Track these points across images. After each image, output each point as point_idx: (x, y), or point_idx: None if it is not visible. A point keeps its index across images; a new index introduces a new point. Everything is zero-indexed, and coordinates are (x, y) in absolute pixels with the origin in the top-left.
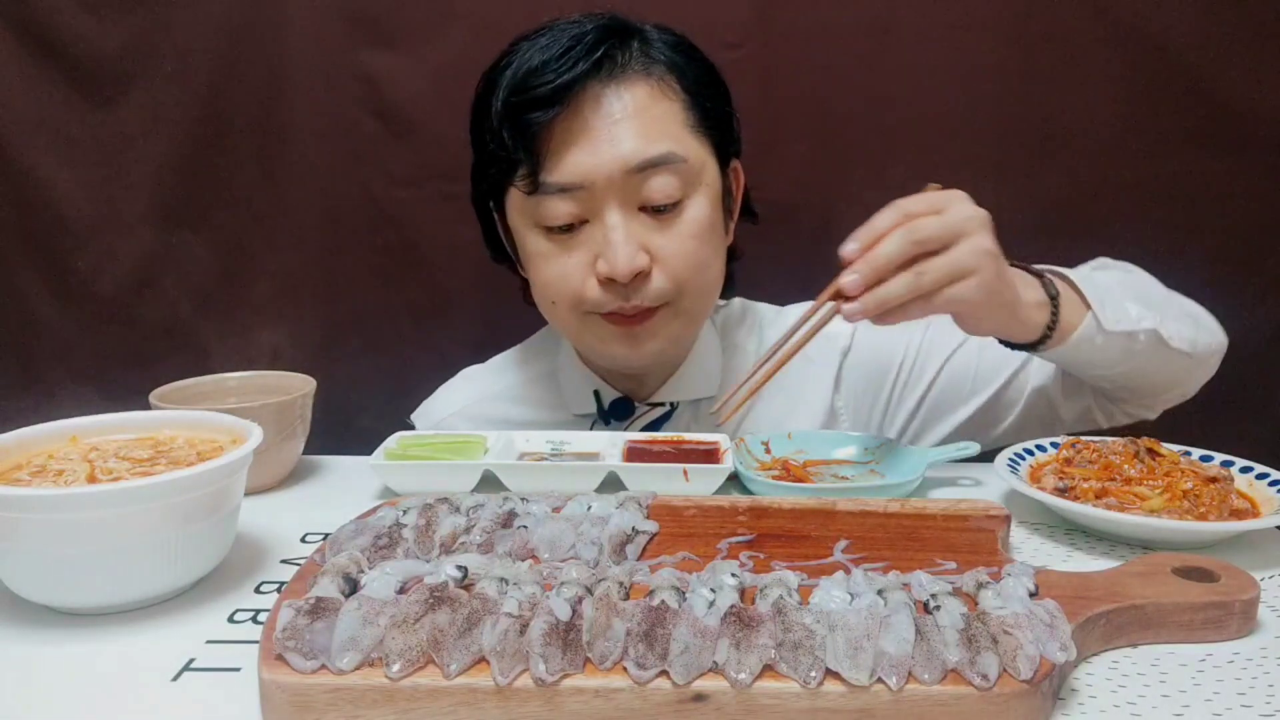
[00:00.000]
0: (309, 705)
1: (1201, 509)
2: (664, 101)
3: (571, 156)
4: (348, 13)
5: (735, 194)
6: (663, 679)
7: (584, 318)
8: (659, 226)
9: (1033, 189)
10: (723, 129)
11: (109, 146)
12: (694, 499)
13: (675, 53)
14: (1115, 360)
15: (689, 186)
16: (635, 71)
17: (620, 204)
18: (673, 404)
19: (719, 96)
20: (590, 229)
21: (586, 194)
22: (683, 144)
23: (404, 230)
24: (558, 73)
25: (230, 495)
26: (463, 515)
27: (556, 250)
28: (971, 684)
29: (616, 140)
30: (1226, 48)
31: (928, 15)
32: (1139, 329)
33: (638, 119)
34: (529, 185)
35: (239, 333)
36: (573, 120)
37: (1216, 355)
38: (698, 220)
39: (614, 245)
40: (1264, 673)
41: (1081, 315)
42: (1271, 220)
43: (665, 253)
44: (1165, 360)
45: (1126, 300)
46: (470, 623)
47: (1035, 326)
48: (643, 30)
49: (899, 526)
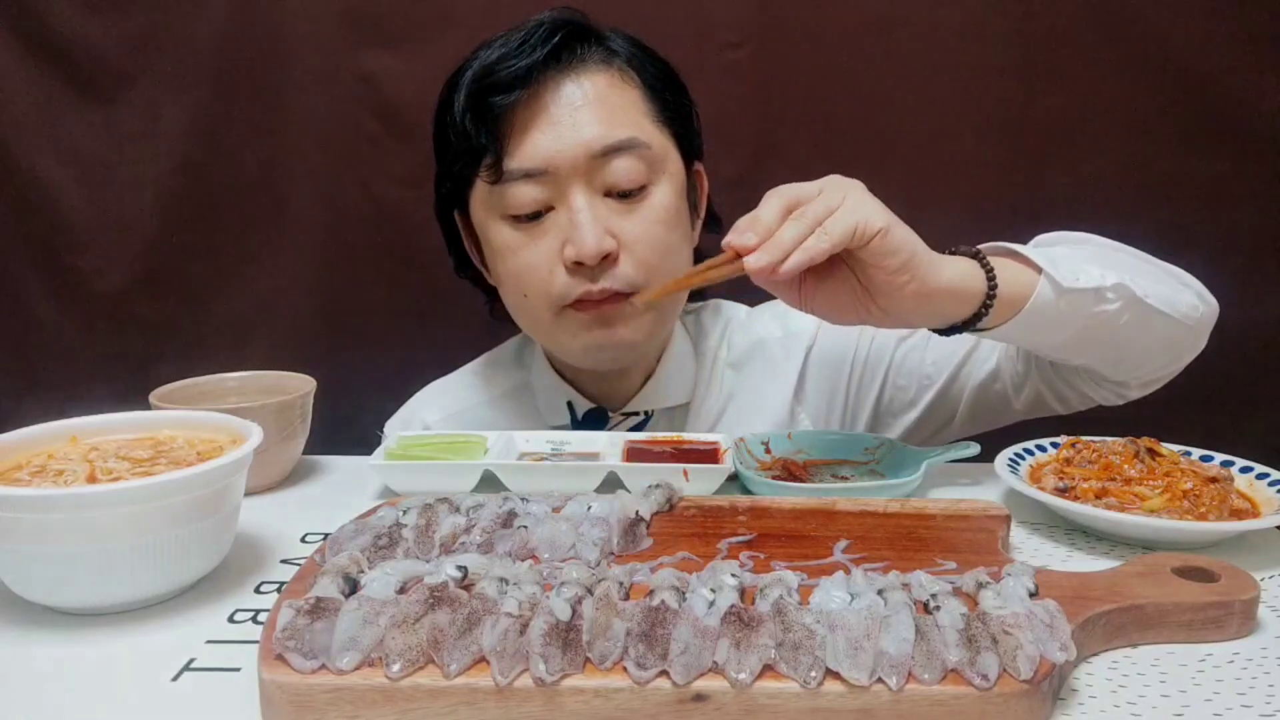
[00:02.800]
0: (309, 705)
1: (1201, 509)
2: (624, 90)
3: (534, 140)
4: (348, 13)
5: (700, 197)
6: (663, 679)
7: (558, 314)
8: (625, 211)
9: (1033, 189)
10: (684, 123)
11: (109, 146)
12: (694, 499)
13: (633, 48)
14: (1085, 331)
15: (653, 173)
16: (595, 62)
17: (585, 188)
18: (647, 413)
19: (678, 92)
20: (556, 215)
21: (551, 179)
22: (645, 131)
23: (404, 230)
24: (517, 59)
25: (230, 495)
26: (463, 515)
27: (523, 240)
28: (971, 684)
29: (579, 125)
30: (1226, 48)
31: (928, 15)
32: (1104, 285)
33: (599, 105)
34: (493, 174)
35: (239, 333)
36: (534, 105)
37: (1204, 322)
38: (663, 206)
39: (580, 227)
40: (1264, 673)
41: (1032, 279)
42: (1271, 220)
43: (630, 237)
44: (1143, 323)
45: (1084, 263)
46: (470, 623)
47: (970, 294)
48: (601, 29)
49: (899, 526)
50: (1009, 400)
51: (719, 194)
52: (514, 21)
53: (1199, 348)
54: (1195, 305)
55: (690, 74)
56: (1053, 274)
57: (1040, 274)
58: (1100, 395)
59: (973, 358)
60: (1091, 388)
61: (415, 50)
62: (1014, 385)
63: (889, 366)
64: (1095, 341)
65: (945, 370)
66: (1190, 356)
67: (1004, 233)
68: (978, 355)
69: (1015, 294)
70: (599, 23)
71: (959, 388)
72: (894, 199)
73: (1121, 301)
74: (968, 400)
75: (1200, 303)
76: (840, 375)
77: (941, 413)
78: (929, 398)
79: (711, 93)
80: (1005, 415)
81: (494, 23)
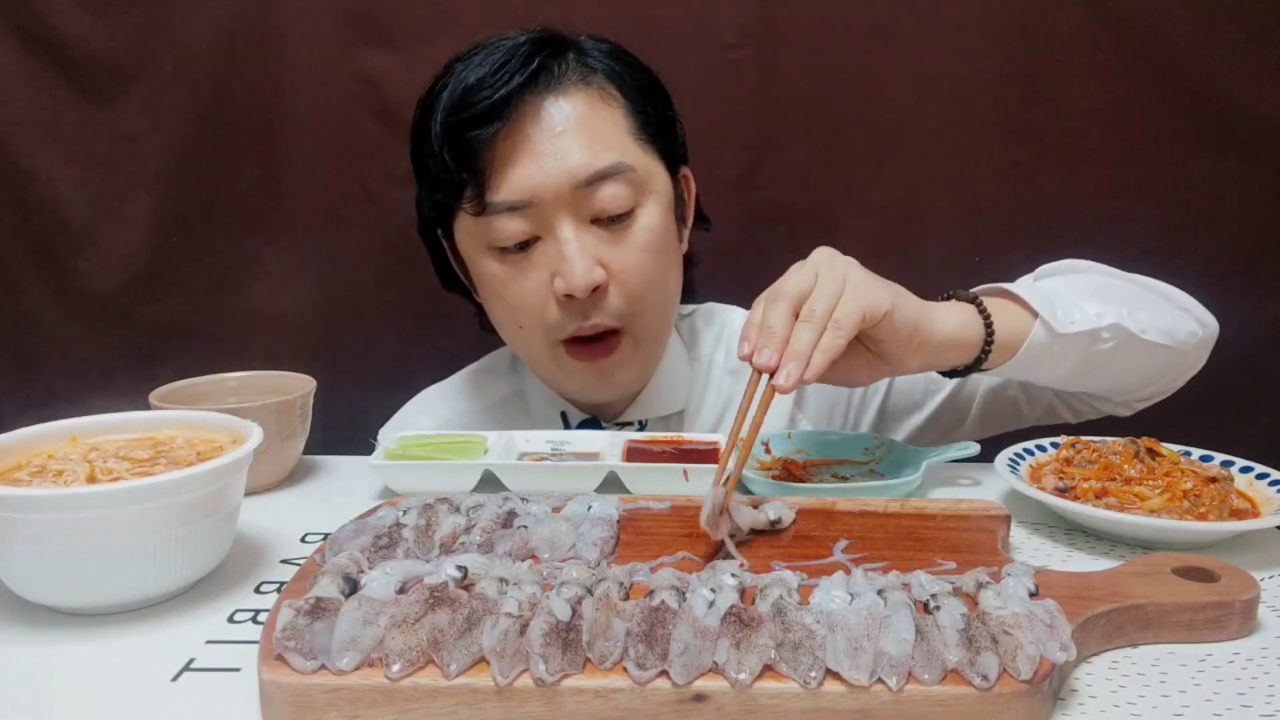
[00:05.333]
0: (309, 705)
1: (1201, 509)
2: (605, 110)
3: (516, 172)
4: (348, 13)
5: (687, 201)
6: (663, 679)
7: (553, 349)
8: (612, 239)
9: (1033, 190)
10: (667, 135)
11: (109, 146)
12: (694, 499)
13: (612, 60)
14: (1081, 365)
15: (640, 195)
16: (573, 81)
17: (571, 218)
18: (642, 422)
19: (660, 101)
20: (543, 246)
21: (536, 210)
22: (629, 153)
23: (404, 230)
24: (494, 88)
25: (230, 495)
26: (463, 515)
27: (512, 274)
28: (971, 684)
29: (562, 154)
30: (1226, 48)
31: (928, 16)
32: (1100, 326)
33: (581, 130)
34: (476, 206)
35: (239, 333)
36: (515, 135)
37: (1204, 344)
38: (650, 229)
39: (569, 260)
40: (1264, 673)
41: (1028, 323)
42: (1272, 220)
43: (619, 266)
44: (1140, 355)
45: (1081, 300)
46: (470, 623)
47: (969, 344)
48: (578, 41)
49: (899, 526)
50: (1020, 407)
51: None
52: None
53: (1199, 366)
54: (1194, 332)
55: (690, 74)
56: (1049, 320)
57: (1036, 318)
58: (1109, 408)
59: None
60: (1100, 401)
61: (415, 50)
62: (1025, 393)
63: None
64: (1091, 375)
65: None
66: (1191, 374)
67: (1003, 233)
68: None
69: (1011, 339)
70: (574, 32)
71: (970, 392)
72: (894, 199)
73: (1116, 340)
74: (979, 405)
75: (1199, 328)
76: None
77: (951, 416)
78: (938, 401)
79: (711, 93)
80: (1017, 421)
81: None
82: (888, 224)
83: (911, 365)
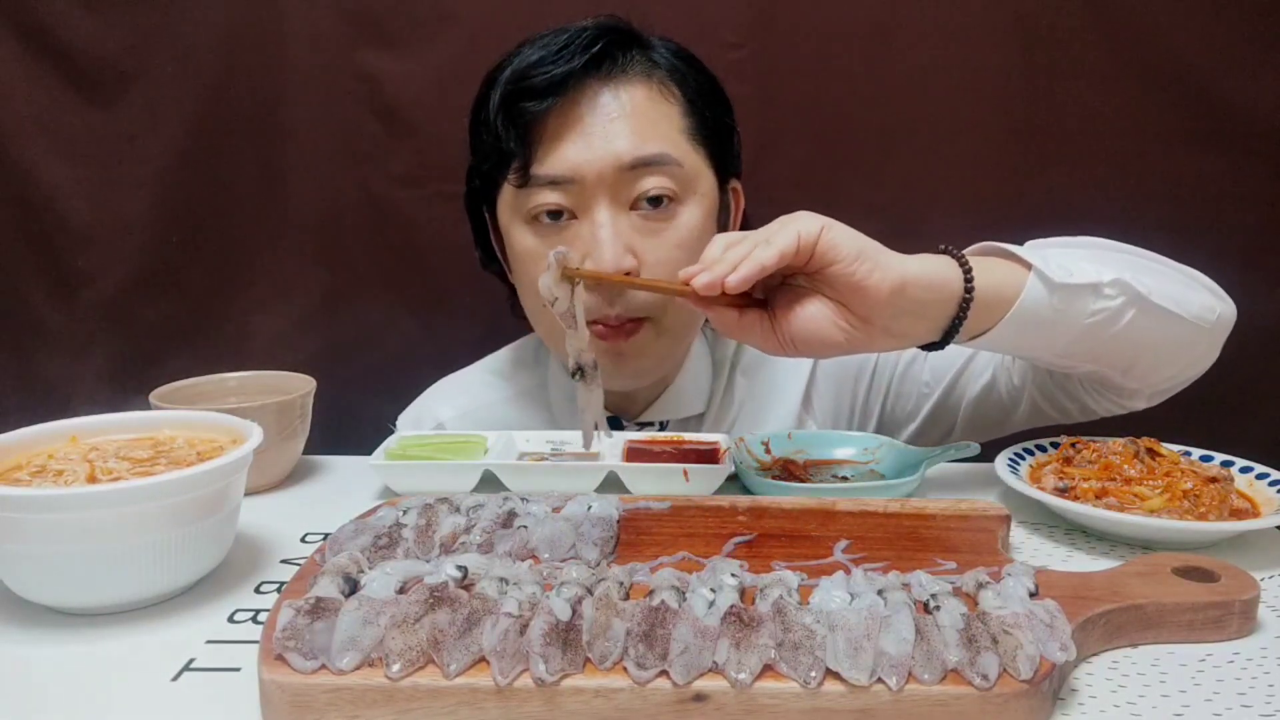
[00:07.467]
0: (309, 705)
1: (1201, 509)
2: (662, 104)
3: (564, 149)
4: (348, 13)
5: (734, 214)
6: (663, 679)
7: None
8: (648, 229)
9: (1033, 189)
10: (722, 142)
11: (109, 146)
12: (694, 499)
13: (677, 59)
14: (1088, 333)
15: (683, 191)
16: (635, 73)
17: (610, 201)
18: (662, 423)
19: (719, 107)
20: (578, 227)
21: (577, 188)
22: (679, 149)
23: (404, 230)
24: (555, 65)
25: (230, 495)
26: (463, 515)
27: (545, 248)
28: (971, 684)
29: (611, 137)
30: (1226, 48)
31: (928, 16)
32: (1101, 281)
33: (634, 118)
34: (520, 178)
35: (239, 333)
36: (568, 113)
37: (1223, 323)
38: (689, 228)
39: (601, 243)
40: (1264, 673)
41: (1021, 278)
42: (1271, 220)
43: (651, 258)
44: (1152, 322)
45: (1080, 260)
46: (470, 623)
47: (945, 290)
48: (646, 37)
49: (899, 526)
50: (1007, 411)
51: None
52: (514, 22)
53: (1214, 355)
54: (1211, 306)
55: None
56: (1044, 270)
57: (1030, 270)
58: (1102, 407)
59: (969, 369)
60: (1093, 399)
61: (415, 50)
62: (1010, 398)
63: (893, 377)
64: (1101, 345)
65: (943, 381)
66: (1205, 364)
67: (1004, 233)
68: (974, 368)
69: (1003, 293)
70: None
71: (956, 398)
72: (895, 199)
73: (1123, 298)
74: (965, 411)
75: (1217, 302)
76: (846, 386)
77: (941, 423)
78: (928, 408)
79: None
80: (1005, 425)
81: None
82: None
83: (883, 308)
